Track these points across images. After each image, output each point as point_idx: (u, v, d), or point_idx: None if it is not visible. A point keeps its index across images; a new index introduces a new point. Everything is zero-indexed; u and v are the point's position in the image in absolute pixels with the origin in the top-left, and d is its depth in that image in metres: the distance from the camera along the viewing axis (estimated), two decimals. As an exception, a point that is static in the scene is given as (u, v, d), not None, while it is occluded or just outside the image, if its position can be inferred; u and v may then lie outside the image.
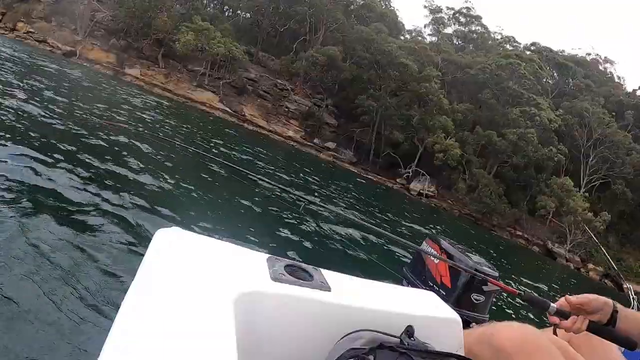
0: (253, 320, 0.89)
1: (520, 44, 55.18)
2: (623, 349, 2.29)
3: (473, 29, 54.78)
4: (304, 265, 1.07)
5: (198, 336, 0.69)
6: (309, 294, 0.96)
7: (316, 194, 12.78)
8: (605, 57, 57.93)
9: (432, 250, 2.34)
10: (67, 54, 34.09)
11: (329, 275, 1.08)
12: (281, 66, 40.62)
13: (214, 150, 13.46)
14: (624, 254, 34.23)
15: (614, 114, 40.11)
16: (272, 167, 15.30)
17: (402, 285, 2.36)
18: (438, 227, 19.74)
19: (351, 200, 15.08)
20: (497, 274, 2.23)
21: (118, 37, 37.07)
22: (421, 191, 36.22)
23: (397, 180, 37.65)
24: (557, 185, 33.98)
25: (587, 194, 35.35)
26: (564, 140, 37.88)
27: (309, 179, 16.61)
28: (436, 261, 2.29)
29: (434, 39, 53.22)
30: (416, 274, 2.41)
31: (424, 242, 2.46)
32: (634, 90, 50.00)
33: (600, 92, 45.60)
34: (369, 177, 35.91)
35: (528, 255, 28.17)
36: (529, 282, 14.18)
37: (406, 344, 0.95)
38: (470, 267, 2.16)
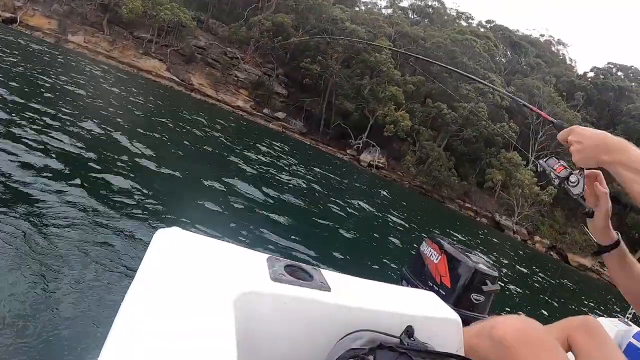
0: (253, 320, 0.88)
1: (475, 20, 56.33)
2: (624, 347, 2.30)
3: (430, 3, 55.09)
4: (303, 265, 1.07)
5: (198, 336, 0.69)
6: (308, 294, 0.96)
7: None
8: (558, 39, 60.66)
9: (432, 250, 2.34)
10: (7, 21, 32.37)
11: (329, 275, 1.08)
12: (230, 33, 39.58)
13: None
14: (569, 228, 35.62)
15: (564, 94, 41.65)
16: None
17: (402, 285, 2.37)
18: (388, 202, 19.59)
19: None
20: (497, 273, 2.24)
21: (60, 2, 35.21)
22: (371, 162, 36.45)
23: (348, 151, 37.78)
24: (505, 159, 35.01)
25: (535, 169, 36.16)
26: (514, 117, 38.74)
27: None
28: (436, 261, 2.29)
29: (389, 11, 53.21)
30: (416, 274, 2.41)
31: (423, 242, 2.46)
32: (585, 73, 52.00)
33: (552, 72, 47.10)
34: (319, 147, 35.81)
35: (477, 227, 28.71)
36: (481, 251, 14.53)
37: (406, 344, 0.95)
38: (470, 267, 2.17)
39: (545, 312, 8.93)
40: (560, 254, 33.43)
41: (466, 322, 1.17)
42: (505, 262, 16.08)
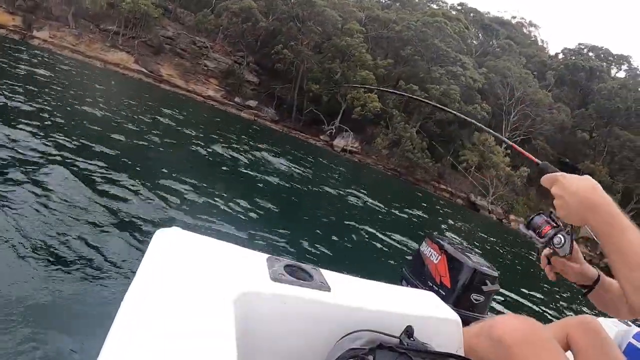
0: (253, 320, 0.89)
1: (447, 3, 56.43)
2: (624, 347, 2.30)
3: (400, -14, 54.80)
4: (303, 265, 1.07)
5: (198, 336, 0.69)
6: (308, 294, 0.96)
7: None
8: (530, 21, 61.73)
9: (432, 250, 2.34)
10: (-30, 20, 31.21)
11: (329, 275, 1.08)
12: (197, 21, 38.85)
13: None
14: (543, 206, 36.95)
15: (535, 73, 42.16)
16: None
17: (402, 285, 2.37)
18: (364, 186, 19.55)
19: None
20: (496, 273, 2.24)
21: (24, -3, 33.91)
22: (345, 147, 36.46)
23: (321, 137, 37.64)
24: (479, 140, 35.33)
25: (508, 151, 36.85)
26: (487, 98, 39.08)
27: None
28: (436, 261, 2.29)
29: (360, -5, 53.06)
30: (415, 274, 2.41)
31: (423, 242, 2.46)
32: (556, 54, 53.22)
33: (523, 53, 47.69)
34: (292, 134, 35.64)
35: (453, 208, 28.97)
36: (455, 234, 14.64)
37: (406, 344, 0.95)
38: (469, 267, 2.17)
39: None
40: (534, 231, 34.51)
41: (466, 322, 1.18)
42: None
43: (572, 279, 1.18)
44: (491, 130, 1.63)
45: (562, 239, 1.07)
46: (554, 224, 1.09)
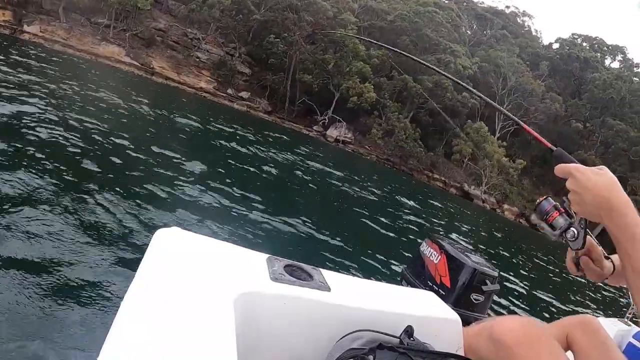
0: (253, 320, 0.89)
1: None
2: (624, 347, 2.30)
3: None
4: (303, 265, 1.08)
5: (198, 336, 0.69)
6: (308, 294, 0.96)
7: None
8: (523, 11, 62.64)
9: (432, 250, 2.35)
10: (-42, 15, 30.69)
11: (329, 275, 1.08)
12: (189, 12, 38.44)
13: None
14: (537, 195, 37.06)
15: (528, 63, 42.59)
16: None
17: (402, 285, 2.37)
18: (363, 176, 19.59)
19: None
20: (496, 273, 2.24)
21: (14, -9, 33.32)
22: (338, 138, 36.50)
23: (314, 127, 37.61)
24: (472, 129, 35.35)
25: (504, 143, 37.23)
26: (479, 87, 39.06)
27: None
28: (436, 261, 2.30)
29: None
30: (415, 274, 2.41)
31: (423, 242, 2.46)
32: (550, 44, 53.34)
33: (516, 43, 47.82)
34: (285, 125, 35.48)
35: (446, 198, 29.07)
36: (452, 223, 14.79)
37: (406, 343, 0.95)
38: (469, 267, 2.17)
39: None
40: (528, 221, 34.18)
41: (466, 322, 1.18)
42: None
43: (593, 279, 1.13)
44: (497, 105, 1.58)
45: (575, 232, 1.02)
46: (563, 210, 1.05)
